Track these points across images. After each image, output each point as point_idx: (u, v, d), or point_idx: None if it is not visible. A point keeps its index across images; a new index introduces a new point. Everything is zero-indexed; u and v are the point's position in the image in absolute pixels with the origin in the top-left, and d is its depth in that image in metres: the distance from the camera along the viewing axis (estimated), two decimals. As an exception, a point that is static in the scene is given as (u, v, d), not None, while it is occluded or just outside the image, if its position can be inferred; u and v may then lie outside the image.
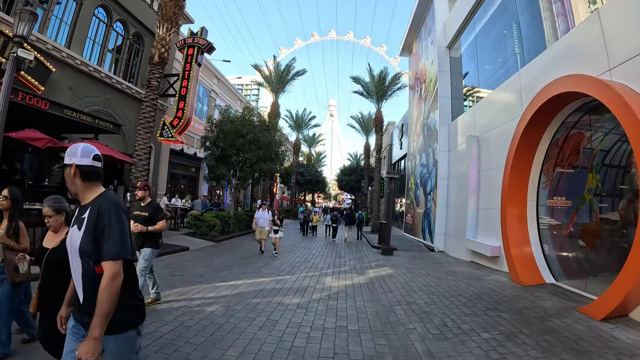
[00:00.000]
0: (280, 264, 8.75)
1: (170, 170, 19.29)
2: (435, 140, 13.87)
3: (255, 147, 13.90)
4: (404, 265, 9.37)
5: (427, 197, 14.50)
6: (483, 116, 10.79)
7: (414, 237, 15.91)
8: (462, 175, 11.81)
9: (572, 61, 6.62)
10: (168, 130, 16.14)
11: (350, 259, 10.15)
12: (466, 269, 9.06)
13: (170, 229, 13.79)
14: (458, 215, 12.14)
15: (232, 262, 8.77)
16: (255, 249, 11.19)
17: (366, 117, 30.53)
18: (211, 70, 23.16)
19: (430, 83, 15.30)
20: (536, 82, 7.77)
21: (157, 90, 10.07)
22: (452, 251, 12.21)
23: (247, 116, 14.18)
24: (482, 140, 10.64)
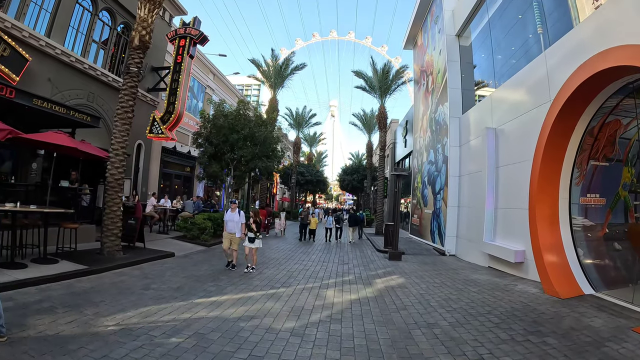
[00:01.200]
0: (274, 273, 7.69)
1: (162, 170, 18.29)
2: (445, 135, 12.81)
3: (251, 143, 12.87)
4: (415, 273, 8.30)
5: (436, 197, 13.43)
6: (500, 106, 9.73)
7: (421, 240, 14.84)
8: (476, 172, 10.74)
9: (619, 32, 5.55)
10: (158, 126, 15.16)
11: (354, 265, 9.08)
12: (486, 277, 7.98)
13: (159, 232, 12.77)
14: (471, 216, 11.07)
15: (220, 270, 7.72)
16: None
17: (368, 115, 29.47)
18: (207, 65, 22.18)
19: (438, 74, 14.24)
20: (568, 62, 6.71)
21: (136, 77, 9.03)
22: (465, 255, 11.13)
23: (241, 110, 13.14)
24: (500, 133, 9.57)
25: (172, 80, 15.41)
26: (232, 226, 7.85)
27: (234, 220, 7.86)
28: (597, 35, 6.04)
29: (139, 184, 16.31)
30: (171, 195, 16.77)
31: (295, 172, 29.89)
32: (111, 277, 6.50)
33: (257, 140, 12.58)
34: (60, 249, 7.66)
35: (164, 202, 13.36)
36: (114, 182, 8.36)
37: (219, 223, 12.69)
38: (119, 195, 8.41)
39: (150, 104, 16.46)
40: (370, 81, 19.70)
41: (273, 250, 11.30)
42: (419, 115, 17.42)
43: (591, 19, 6.47)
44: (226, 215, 8.07)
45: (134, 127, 15.78)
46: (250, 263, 7.82)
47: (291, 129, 31.17)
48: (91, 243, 9.27)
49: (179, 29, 16.02)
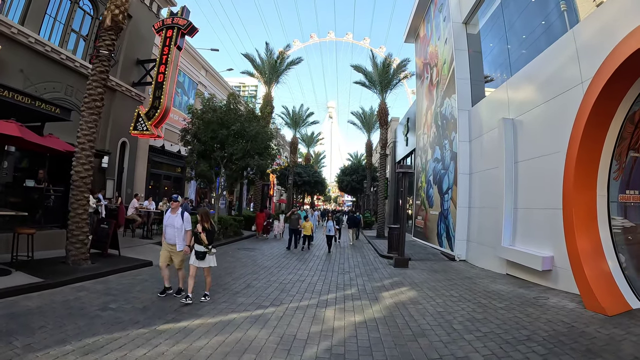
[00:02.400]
0: (264, 286, 6.61)
1: (150, 170, 17.20)
2: (453, 129, 11.80)
3: (242, 139, 11.80)
4: (427, 283, 7.24)
5: (443, 197, 12.40)
6: (518, 94, 8.72)
7: (426, 243, 13.79)
8: (490, 169, 9.72)
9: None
10: (142, 123, 14.08)
11: (356, 275, 8.01)
12: (509, 288, 6.93)
13: (142, 237, 11.67)
14: (484, 217, 10.04)
15: (202, 283, 6.63)
16: (237, 261, 9.06)
17: (368, 113, 28.48)
18: (199, 61, 21.14)
19: (444, 65, 13.25)
20: (607, 36, 5.71)
21: (107, 62, 7.96)
22: (477, 260, 10.09)
23: (232, 104, 12.08)
24: (519, 124, 8.56)
25: (158, 72, 14.35)
26: (172, 234, 5.56)
27: (175, 225, 5.54)
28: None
29: (124, 184, 15.22)
30: (161, 197, 15.65)
31: (292, 173, 28.81)
32: (67, 293, 5.41)
33: (248, 136, 11.51)
34: (15, 257, 6.56)
35: (147, 204, 12.26)
36: (80, 181, 7.27)
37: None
38: (85, 195, 7.32)
39: (136, 99, 15.38)
40: (370, 76, 18.69)
41: (266, 256, 10.22)
42: (422, 111, 16.42)
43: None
44: (165, 218, 5.73)
45: (117, 124, 14.83)
46: (189, 287, 5.32)
47: (288, 128, 30.13)
48: (60, 250, 8.17)
49: (165, 19, 14.96)
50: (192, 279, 5.43)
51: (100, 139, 14.09)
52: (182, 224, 5.63)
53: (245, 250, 11.27)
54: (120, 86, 14.55)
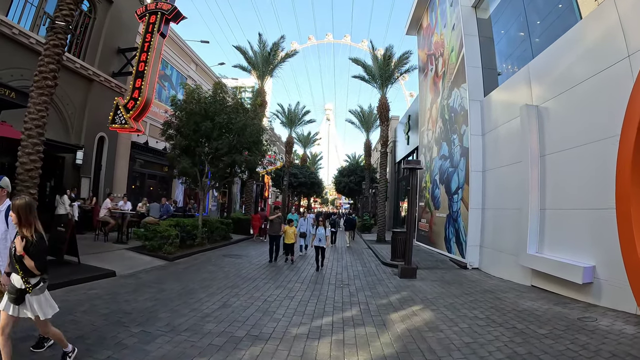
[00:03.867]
0: (244, 305, 5.36)
1: (132, 168, 15.91)
2: (464, 122, 10.63)
3: (228, 133, 10.57)
4: (442, 299, 6.01)
5: (451, 198, 11.20)
6: (544, 77, 7.56)
7: (432, 249, 12.57)
8: (508, 165, 8.55)
9: None
10: (121, 115, 12.84)
11: (357, 289, 6.75)
12: (542, 305, 5.72)
13: (116, 242, 10.37)
14: (500, 220, 8.86)
15: (168, 300, 5.39)
16: (219, 270, 7.79)
17: (366, 111, 27.35)
18: (188, 53, 19.93)
19: (452, 53, 12.12)
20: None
21: (63, 35, 6.73)
22: (492, 268, 8.89)
23: (218, 95, 10.84)
24: (545, 112, 7.39)
25: (139, 61, 13.12)
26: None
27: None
28: None
29: (102, 184, 13.91)
30: (144, 197, 14.29)
31: (287, 174, 27.55)
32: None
33: (234, 129, 10.26)
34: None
35: (122, 204, 10.96)
36: (25, 174, 6.01)
37: (188, 231, 10.34)
38: (30, 192, 6.04)
39: (116, 90, 14.13)
40: (369, 69, 17.54)
41: (253, 264, 8.95)
42: (426, 106, 15.27)
43: None
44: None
45: (94, 117, 13.50)
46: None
47: (283, 127, 28.93)
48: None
49: (149, 4, 13.76)
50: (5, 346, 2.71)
51: (75, 132, 12.86)
52: (6, 230, 3.23)
53: (231, 257, 10.00)
54: (97, 76, 13.30)
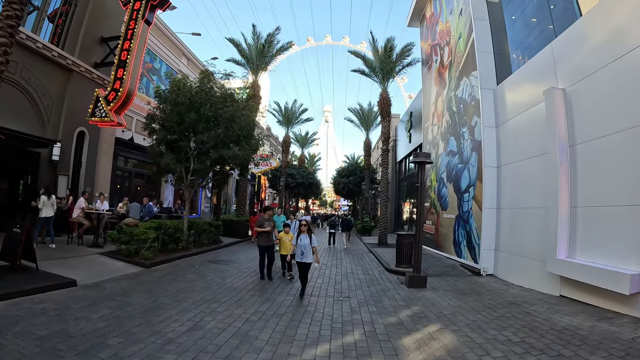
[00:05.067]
0: (219, 327, 4.34)
1: (117, 167, 14.87)
2: (475, 113, 9.67)
3: (214, 125, 9.56)
4: (461, 315, 4.99)
5: (461, 196, 10.21)
6: (572, 56, 6.60)
7: (439, 253, 11.56)
8: (528, 159, 7.58)
9: None
10: (102, 108, 11.83)
11: (359, 302, 5.72)
12: (583, 321, 4.72)
13: (92, 245, 9.33)
14: (519, 220, 7.87)
15: (128, 318, 4.37)
16: (201, 279, 6.76)
17: (366, 109, 26.40)
18: (179, 47, 18.94)
19: (459, 40, 11.18)
20: None
21: (19, 6, 5.73)
22: (510, 275, 7.90)
23: (204, 84, 9.84)
24: (574, 95, 6.43)
25: (121, 49, 12.12)
26: None
27: None
28: None
29: (82, 182, 12.85)
30: (131, 199, 13.19)
31: (284, 174, 26.52)
32: None
33: (222, 121, 9.25)
34: None
35: (98, 204, 9.93)
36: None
37: (171, 234, 9.31)
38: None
39: (98, 82, 13.07)
40: (369, 63, 16.60)
41: (241, 272, 7.91)
42: (431, 99, 14.32)
43: None
44: None
45: (74, 110, 12.41)
46: None
47: (280, 126, 27.92)
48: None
49: (134, -10, 12.85)
50: None
51: (52, 126, 11.82)
52: None
53: (217, 263, 8.97)
54: (77, 66, 12.26)
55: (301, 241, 5.99)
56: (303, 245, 5.96)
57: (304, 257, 5.94)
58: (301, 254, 5.96)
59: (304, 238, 5.98)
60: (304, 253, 5.94)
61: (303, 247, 5.94)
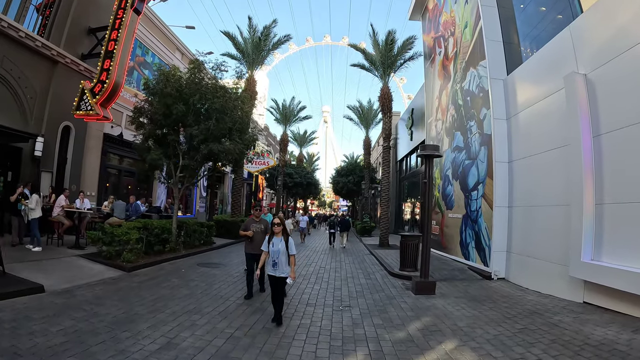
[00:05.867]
0: (196, 346, 3.67)
1: (106, 164, 14.19)
2: (484, 105, 9.04)
3: (205, 118, 8.91)
4: (480, 329, 4.35)
5: (469, 195, 9.57)
6: (596, 36, 5.98)
7: (445, 255, 10.92)
8: (545, 152, 6.95)
9: None
10: (88, 101, 11.17)
11: (363, 313, 5.07)
12: (618, 333, 4.09)
13: (72, 247, 8.66)
14: (533, 219, 7.24)
15: (91, 334, 3.72)
16: (185, 285, 6.09)
17: (366, 107, 25.77)
18: (172, 41, 18.27)
19: (465, 30, 10.56)
20: None
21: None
22: (524, 279, 7.26)
23: (193, 75, 9.18)
24: (597, 81, 5.81)
25: (109, 39, 11.46)
26: None
27: None
28: None
29: (67, 180, 12.17)
30: (122, 198, 12.46)
31: (281, 173, 25.86)
32: None
33: (212, 113, 8.59)
34: None
35: (79, 202, 9.26)
36: None
37: (157, 234, 8.64)
38: None
39: (85, 74, 12.39)
40: (370, 57, 15.97)
41: (231, 277, 7.25)
42: (434, 94, 13.70)
43: None
44: None
45: (59, 104, 11.66)
46: None
47: (277, 124, 27.24)
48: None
49: (121, -23, 12.19)
50: None
51: (36, 120, 11.14)
52: None
53: (207, 266, 8.30)
54: (63, 57, 11.58)
55: (273, 246, 4.28)
56: (275, 253, 4.25)
57: (277, 269, 4.25)
58: (273, 265, 4.26)
59: (277, 242, 4.29)
60: (276, 264, 4.24)
61: (275, 255, 4.24)
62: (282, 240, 4.31)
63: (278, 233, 4.37)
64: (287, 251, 4.29)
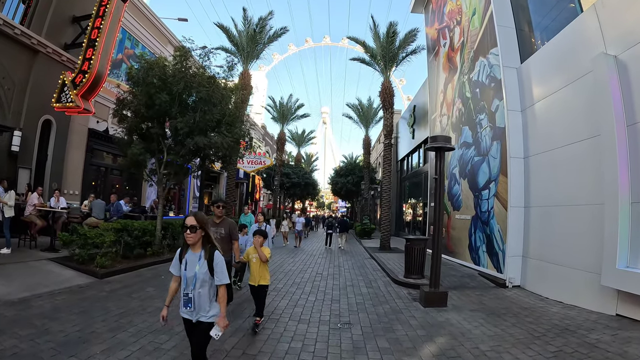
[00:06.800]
0: None
1: (91, 161, 13.41)
2: (495, 96, 8.31)
3: (193, 110, 8.14)
4: (507, 353, 3.60)
5: (479, 194, 8.83)
6: (627, 13, 5.25)
7: (450, 259, 10.15)
8: (568, 145, 6.22)
9: None
10: (68, 93, 10.43)
11: (365, 331, 4.29)
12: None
13: (46, 249, 7.88)
14: (553, 220, 6.50)
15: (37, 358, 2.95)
16: (159, 295, 5.31)
17: (365, 105, 25.05)
18: (164, 34, 17.54)
19: (473, 17, 9.85)
20: None
21: None
22: (543, 287, 6.51)
23: (179, 63, 8.41)
24: (630, 62, 5.09)
25: (92, 28, 10.75)
26: None
27: None
28: None
29: (47, 177, 11.39)
30: (108, 196, 11.64)
31: (279, 173, 25.08)
32: None
33: (198, 103, 7.82)
34: None
35: (53, 201, 8.48)
36: None
37: (137, 236, 7.85)
38: None
39: (68, 65, 11.62)
40: (370, 50, 15.25)
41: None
42: (438, 88, 12.98)
43: None
44: None
45: (39, 96, 10.82)
46: None
47: (275, 122, 26.49)
48: None
49: (106, -38, 11.46)
50: None
51: (13, 113, 10.36)
52: None
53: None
54: (44, 46, 10.83)
55: (186, 269, 2.55)
56: (190, 280, 2.50)
57: (192, 309, 1.80)
58: (185, 303, 2.46)
59: (194, 261, 2.55)
60: (191, 300, 2.41)
61: (189, 285, 1.93)
62: (201, 258, 2.44)
63: (194, 244, 2.46)
64: (213, 278, 2.45)
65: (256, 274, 4.11)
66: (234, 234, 4.49)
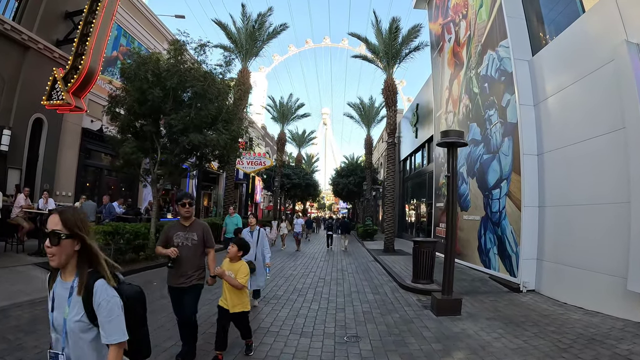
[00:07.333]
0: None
1: (85, 162, 13.03)
2: (506, 90, 7.91)
3: (188, 106, 7.75)
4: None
5: (489, 194, 8.42)
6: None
7: (458, 261, 9.70)
8: (588, 140, 5.81)
9: None
10: (60, 91, 10.06)
11: (374, 346, 3.88)
12: None
13: (33, 253, 7.49)
14: (571, 221, 6.09)
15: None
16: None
17: (367, 104, 24.66)
18: (161, 31, 17.18)
19: (480, 9, 9.46)
20: None
21: None
22: (560, 292, 6.10)
23: (173, 57, 8.03)
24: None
25: (85, 22, 10.39)
26: None
27: None
28: None
29: (39, 178, 11.01)
30: (101, 199, 11.23)
31: (279, 174, 24.67)
32: None
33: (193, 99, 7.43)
34: None
35: (42, 202, 8.09)
36: None
37: (129, 240, 7.45)
38: None
39: (61, 62, 11.25)
40: (373, 47, 14.87)
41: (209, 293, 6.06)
42: (443, 85, 12.58)
43: None
44: None
45: (29, 94, 10.40)
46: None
47: (275, 122, 26.09)
48: None
49: (99, -45, 11.09)
50: None
51: (3, 111, 9.99)
52: None
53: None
54: (35, 42, 10.47)
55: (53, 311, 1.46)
56: (57, 328, 1.43)
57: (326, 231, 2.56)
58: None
59: (62, 298, 1.41)
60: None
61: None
62: (73, 292, 1.34)
63: (63, 266, 1.36)
64: (96, 328, 1.34)
65: (229, 297, 3.11)
66: (209, 240, 3.28)
